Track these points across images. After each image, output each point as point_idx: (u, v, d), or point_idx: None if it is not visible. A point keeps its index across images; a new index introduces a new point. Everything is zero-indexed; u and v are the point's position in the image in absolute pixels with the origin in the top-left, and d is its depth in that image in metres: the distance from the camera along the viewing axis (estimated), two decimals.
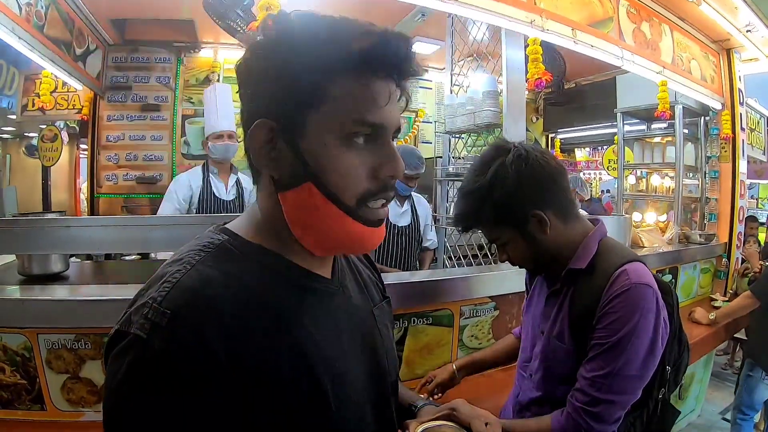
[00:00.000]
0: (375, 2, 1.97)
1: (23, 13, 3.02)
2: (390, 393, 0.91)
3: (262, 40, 0.72)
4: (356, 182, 0.70)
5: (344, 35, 0.68)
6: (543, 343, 1.36)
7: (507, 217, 1.29)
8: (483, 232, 1.38)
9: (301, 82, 0.68)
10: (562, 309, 1.32)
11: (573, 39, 2.87)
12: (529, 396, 1.41)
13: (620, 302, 1.18)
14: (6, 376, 1.57)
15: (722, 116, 4.58)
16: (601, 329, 1.19)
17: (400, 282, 1.98)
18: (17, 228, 1.92)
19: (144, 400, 0.58)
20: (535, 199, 1.27)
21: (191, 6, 3.88)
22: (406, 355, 1.97)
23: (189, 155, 5.39)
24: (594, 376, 1.18)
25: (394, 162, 0.73)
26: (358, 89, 0.68)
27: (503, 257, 1.38)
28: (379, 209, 0.75)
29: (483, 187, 1.28)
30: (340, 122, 0.68)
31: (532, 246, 1.31)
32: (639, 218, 5.39)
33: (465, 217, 1.34)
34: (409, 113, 6.33)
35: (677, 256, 3.62)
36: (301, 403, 0.68)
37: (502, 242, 1.34)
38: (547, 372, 1.35)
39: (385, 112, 0.70)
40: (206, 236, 0.75)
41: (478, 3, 2.37)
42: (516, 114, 2.61)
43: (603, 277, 1.23)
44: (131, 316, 0.62)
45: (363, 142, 0.71)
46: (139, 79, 5.16)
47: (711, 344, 3.42)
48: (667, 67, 3.78)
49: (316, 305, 0.77)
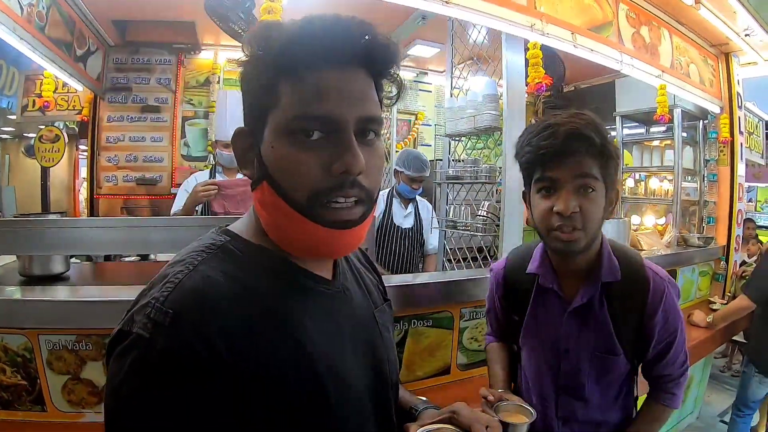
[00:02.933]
0: (374, 6, 1.97)
1: (24, 14, 3.03)
2: (391, 395, 0.91)
3: (246, 53, 0.74)
4: (305, 179, 0.69)
5: (292, 35, 0.69)
6: (588, 363, 1.35)
7: (611, 167, 1.23)
8: (580, 159, 1.18)
9: (260, 87, 0.71)
10: (601, 323, 1.32)
11: (573, 43, 2.88)
12: (598, 418, 1.40)
13: (667, 303, 1.30)
14: (6, 376, 1.57)
15: (721, 120, 4.60)
16: (661, 331, 1.31)
17: (401, 284, 1.98)
18: (18, 229, 1.91)
19: (146, 398, 0.58)
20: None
21: (192, 8, 3.88)
22: (406, 357, 1.97)
23: (189, 157, 5.39)
24: (671, 365, 1.37)
25: (346, 157, 0.68)
26: (300, 84, 0.68)
27: (572, 201, 1.19)
28: (340, 210, 0.71)
29: (605, 129, 1.22)
30: (285, 119, 0.69)
31: (601, 213, 1.24)
32: (638, 221, 5.40)
33: (596, 130, 1.19)
34: (409, 116, 6.34)
35: (676, 259, 3.63)
36: (301, 403, 0.68)
37: (591, 184, 1.19)
38: (610, 386, 1.39)
39: (333, 104, 0.68)
40: (209, 237, 0.76)
41: (479, 7, 2.37)
42: (516, 117, 2.61)
43: (638, 283, 1.31)
44: (134, 315, 0.63)
45: (318, 138, 0.69)
46: (139, 81, 5.17)
47: (709, 347, 3.43)
48: (666, 71, 3.80)
49: (317, 306, 0.77)
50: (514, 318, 1.49)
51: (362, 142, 0.72)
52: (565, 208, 1.18)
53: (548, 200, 1.23)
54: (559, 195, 1.20)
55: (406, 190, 3.41)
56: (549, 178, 1.22)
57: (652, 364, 1.39)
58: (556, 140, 1.17)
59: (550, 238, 1.26)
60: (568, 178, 1.19)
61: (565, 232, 1.21)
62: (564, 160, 1.18)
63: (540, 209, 1.25)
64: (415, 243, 3.48)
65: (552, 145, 1.17)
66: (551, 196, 1.22)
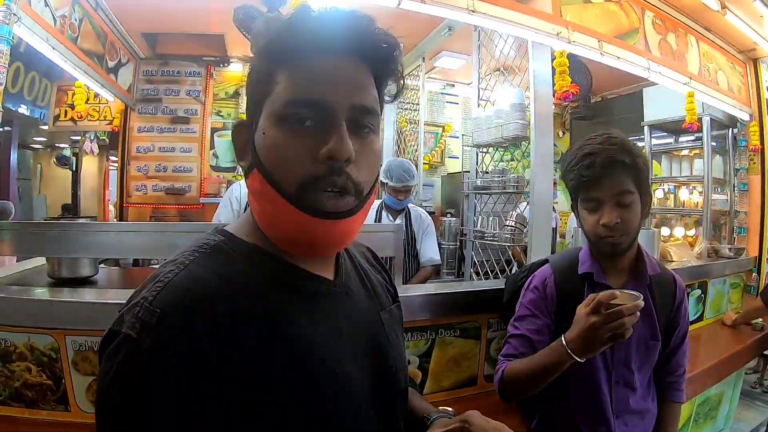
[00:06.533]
0: (401, 16, 1.99)
1: (57, 25, 3.12)
2: (398, 400, 0.89)
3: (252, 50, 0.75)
4: (296, 166, 0.68)
5: (288, 26, 0.69)
6: (635, 352, 1.50)
7: (643, 177, 1.45)
8: (617, 180, 1.42)
9: (258, 77, 0.72)
10: (647, 311, 1.47)
11: (599, 51, 2.86)
12: (643, 407, 1.54)
13: (686, 297, 1.60)
14: (32, 375, 1.57)
15: (750, 127, 4.51)
16: (683, 320, 1.59)
17: (428, 293, 1.96)
18: (48, 231, 1.94)
19: (133, 399, 0.58)
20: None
21: (221, 21, 3.95)
22: (432, 367, 1.95)
23: (217, 167, 5.48)
24: (684, 355, 1.61)
25: (332, 143, 0.67)
26: (293, 71, 0.68)
27: (614, 215, 1.42)
28: (327, 200, 0.68)
29: (633, 145, 1.45)
30: (278, 105, 0.68)
31: (639, 216, 1.46)
32: (667, 233, 5.30)
33: (627, 151, 1.41)
34: (436, 128, 6.34)
35: (706, 270, 3.53)
36: (295, 406, 0.67)
37: (628, 199, 1.42)
38: (646, 373, 1.56)
39: (324, 88, 0.68)
40: (203, 238, 0.76)
41: (504, 15, 2.38)
42: (544, 126, 2.59)
43: (667, 277, 1.60)
44: (124, 315, 0.63)
45: (308, 125, 0.68)
46: (169, 92, 5.29)
47: (740, 362, 3.34)
48: (693, 78, 3.75)
49: (314, 307, 0.75)
50: (563, 326, 1.46)
51: (355, 134, 0.71)
52: (609, 221, 1.42)
53: (595, 215, 1.46)
54: (603, 211, 1.44)
55: (392, 201, 3.33)
56: (593, 198, 1.46)
57: (670, 356, 1.59)
58: (594, 169, 1.40)
59: (600, 244, 1.48)
60: (608, 196, 1.43)
61: (611, 239, 1.44)
62: (603, 183, 1.42)
63: (589, 222, 1.49)
64: (407, 256, 3.32)
65: (592, 174, 1.41)
66: (596, 212, 1.46)
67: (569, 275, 1.57)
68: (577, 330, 1.26)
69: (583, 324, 1.24)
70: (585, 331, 1.23)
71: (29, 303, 1.56)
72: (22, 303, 1.55)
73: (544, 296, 1.56)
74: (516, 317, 1.59)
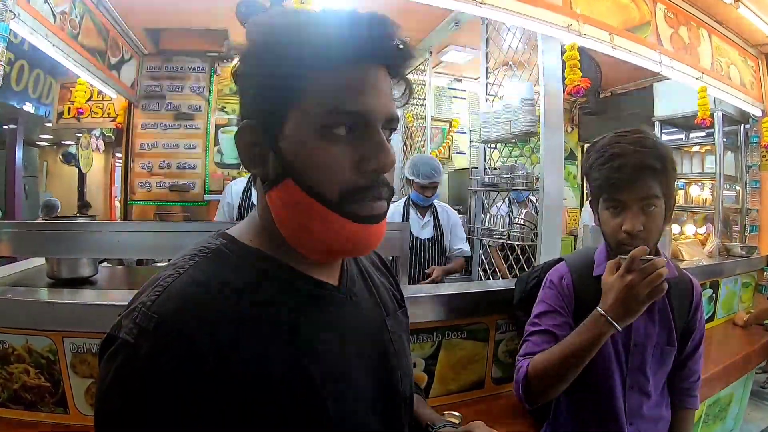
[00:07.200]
0: (408, 10, 1.95)
1: (57, 22, 3.10)
2: (402, 408, 0.87)
3: (246, 45, 0.72)
4: (337, 176, 0.67)
5: (315, 27, 0.68)
6: (650, 357, 1.45)
7: (670, 181, 1.38)
8: (645, 185, 1.34)
9: (276, 80, 0.68)
10: (664, 316, 1.47)
11: (610, 44, 2.82)
12: (656, 413, 1.49)
13: (701, 301, 1.54)
14: (30, 378, 1.57)
15: (763, 123, 4.43)
16: (699, 323, 1.53)
17: (434, 294, 1.92)
18: (46, 231, 1.93)
19: (130, 405, 0.58)
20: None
21: (225, 16, 3.92)
22: (439, 370, 1.91)
23: (222, 164, 5.48)
24: (698, 361, 1.54)
25: (380, 154, 0.67)
26: (331, 79, 0.66)
27: (638, 221, 1.34)
28: (369, 206, 0.69)
29: (665, 147, 1.39)
30: (315, 114, 0.66)
31: (662, 222, 1.39)
32: (677, 230, 5.24)
33: (659, 156, 1.34)
34: (443, 123, 6.31)
35: (718, 269, 3.49)
36: (296, 413, 0.66)
37: (654, 204, 1.35)
38: (661, 380, 1.50)
39: (366, 99, 0.67)
40: (204, 241, 0.75)
41: (513, 7, 2.34)
42: (554, 122, 2.55)
43: (684, 280, 1.54)
44: (122, 320, 0.63)
45: (346, 134, 0.67)
46: (173, 89, 5.28)
47: (752, 364, 3.29)
48: (706, 73, 3.69)
49: (316, 312, 0.74)
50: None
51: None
52: (632, 228, 1.34)
53: (617, 218, 1.39)
54: (626, 215, 1.36)
55: (419, 198, 3.30)
56: (617, 200, 1.38)
57: (685, 361, 1.53)
58: (624, 173, 1.33)
59: (620, 249, 1.37)
60: (634, 201, 1.35)
61: (632, 246, 1.31)
62: (631, 187, 1.34)
63: (610, 225, 1.41)
64: (436, 253, 3.31)
65: (621, 177, 1.34)
66: (619, 215, 1.38)
67: (585, 276, 1.52)
68: (613, 295, 1.24)
69: (619, 285, 1.22)
70: (623, 292, 1.21)
71: (27, 305, 1.55)
72: (20, 305, 1.54)
73: (563, 293, 1.52)
74: (535, 314, 1.53)
